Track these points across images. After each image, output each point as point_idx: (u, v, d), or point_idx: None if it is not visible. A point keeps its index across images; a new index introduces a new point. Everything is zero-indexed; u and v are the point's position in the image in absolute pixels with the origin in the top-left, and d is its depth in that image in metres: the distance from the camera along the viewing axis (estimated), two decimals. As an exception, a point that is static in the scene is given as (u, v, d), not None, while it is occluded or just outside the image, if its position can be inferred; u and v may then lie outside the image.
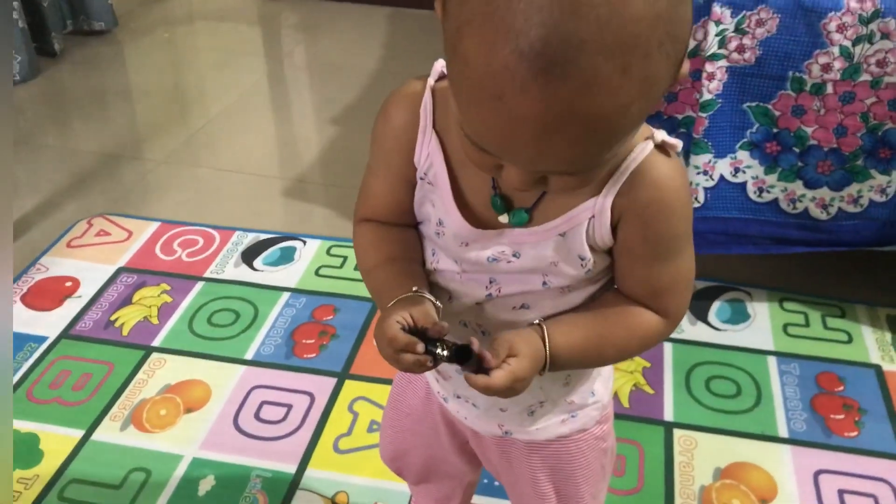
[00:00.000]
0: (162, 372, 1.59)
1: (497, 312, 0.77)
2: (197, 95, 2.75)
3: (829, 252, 1.68)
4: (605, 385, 0.90)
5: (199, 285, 1.80)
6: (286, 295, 1.78)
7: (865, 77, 1.43)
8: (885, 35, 1.39)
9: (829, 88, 1.45)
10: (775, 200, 1.58)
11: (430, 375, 0.92)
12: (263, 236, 1.95)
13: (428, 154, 0.74)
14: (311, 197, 2.16)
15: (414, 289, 0.73)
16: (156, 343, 1.65)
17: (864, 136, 1.48)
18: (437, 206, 0.76)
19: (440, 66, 0.74)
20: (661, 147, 0.70)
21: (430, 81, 0.74)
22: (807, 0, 1.41)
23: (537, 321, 0.73)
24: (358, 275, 1.80)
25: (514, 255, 0.74)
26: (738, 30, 1.44)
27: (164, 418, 1.49)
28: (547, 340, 0.72)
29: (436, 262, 0.78)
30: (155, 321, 1.70)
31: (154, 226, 1.99)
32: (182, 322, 1.70)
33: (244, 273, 1.84)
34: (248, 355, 1.62)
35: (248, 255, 1.89)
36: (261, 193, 2.16)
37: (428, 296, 0.73)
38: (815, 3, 1.40)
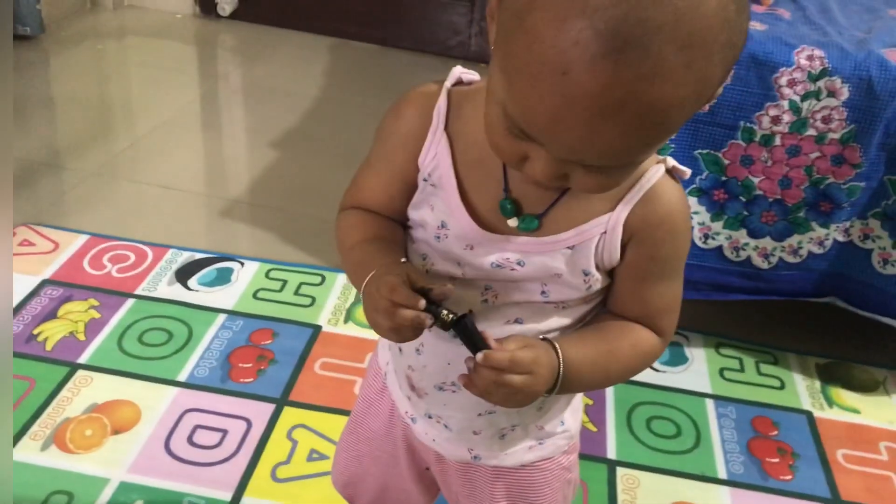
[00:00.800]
0: (88, 390, 1.50)
1: (489, 324, 0.75)
2: (129, 109, 2.66)
3: (764, 300, 1.73)
4: (574, 416, 0.90)
5: (130, 302, 1.72)
6: (222, 317, 1.71)
7: (811, 132, 1.49)
8: (832, 93, 1.46)
9: (778, 140, 1.51)
10: (720, 247, 1.62)
11: (399, 395, 0.89)
12: (199, 255, 1.89)
13: (435, 155, 0.73)
14: (246, 218, 2.11)
15: (403, 260, 0.71)
16: (82, 360, 1.56)
17: (806, 188, 1.54)
18: (437, 209, 0.74)
19: (458, 71, 0.74)
20: (670, 172, 0.71)
21: (447, 85, 0.74)
22: (760, 54, 1.46)
23: (542, 337, 0.72)
24: (298, 299, 1.78)
25: (519, 264, 0.72)
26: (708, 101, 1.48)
27: (90, 439, 1.40)
28: (560, 352, 0.70)
29: (429, 266, 0.76)
30: (82, 337, 1.61)
31: (82, 238, 1.90)
32: (111, 339, 1.62)
33: (178, 292, 1.77)
34: (182, 377, 1.55)
35: (183, 274, 1.82)
36: (195, 212, 2.10)
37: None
38: (768, 57, 1.46)
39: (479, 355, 0.66)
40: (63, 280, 1.76)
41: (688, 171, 0.73)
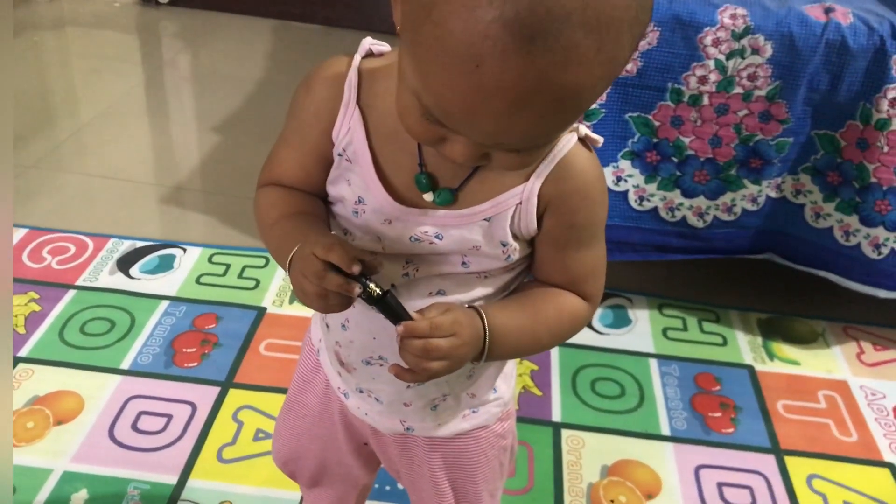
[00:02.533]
0: (29, 383, 1.49)
1: (411, 297, 0.75)
2: (67, 101, 2.62)
3: (705, 260, 1.75)
4: (507, 383, 0.90)
5: (71, 293, 1.70)
6: (165, 303, 1.70)
7: (738, 90, 1.51)
8: (755, 50, 1.48)
9: (706, 100, 1.52)
10: (655, 209, 1.64)
11: (331, 371, 0.90)
12: (140, 244, 1.87)
13: (349, 129, 0.72)
14: (190, 205, 2.09)
15: (333, 233, 0.71)
16: (22, 353, 1.55)
17: (736, 146, 1.56)
18: (354, 185, 0.74)
19: (368, 43, 0.74)
20: (583, 140, 0.72)
21: (357, 58, 0.73)
22: (684, 14, 1.47)
23: (468, 306, 0.72)
24: (241, 283, 1.77)
25: (437, 237, 0.73)
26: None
27: (32, 431, 1.40)
28: (485, 317, 0.71)
29: (350, 241, 0.76)
30: (22, 330, 1.60)
31: (21, 232, 1.87)
32: (52, 332, 1.60)
33: (120, 281, 1.75)
34: (125, 365, 1.54)
35: (124, 263, 1.81)
36: (137, 201, 2.08)
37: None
38: (692, 17, 1.47)
39: (400, 326, 0.66)
40: (2, 275, 1.74)
41: (600, 139, 0.73)
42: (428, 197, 0.71)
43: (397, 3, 0.62)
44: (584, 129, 0.72)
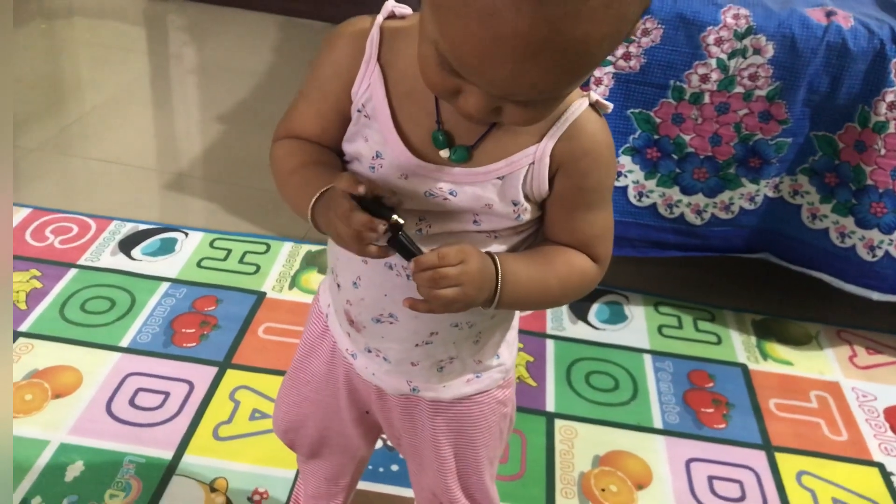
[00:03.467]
0: (29, 357, 1.50)
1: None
2: (74, 87, 2.64)
3: (701, 259, 1.77)
4: (510, 350, 0.92)
5: (73, 272, 1.72)
6: (165, 285, 1.72)
7: (739, 89, 1.53)
8: (757, 51, 1.50)
9: (707, 98, 1.54)
10: (654, 205, 1.66)
11: (339, 332, 0.91)
12: (143, 226, 1.89)
13: (368, 86, 0.75)
14: (192, 191, 2.11)
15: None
16: (22, 328, 1.56)
17: (736, 145, 1.58)
18: (372, 140, 0.76)
19: (391, 5, 0.76)
20: (594, 106, 0.75)
21: (380, 18, 0.76)
22: (688, 13, 1.49)
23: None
24: (242, 267, 1.78)
25: (451, 193, 0.75)
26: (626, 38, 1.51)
27: (30, 403, 1.41)
28: (497, 260, 0.73)
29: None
30: (23, 306, 1.61)
31: (25, 212, 1.89)
32: (53, 308, 1.61)
33: (121, 262, 1.77)
34: (124, 343, 1.55)
35: (126, 245, 1.82)
36: (140, 186, 2.09)
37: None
38: (696, 16, 1.50)
39: (411, 263, 0.69)
40: (4, 252, 1.75)
41: (609, 105, 0.76)
42: (444, 153, 0.73)
43: None
44: (595, 95, 0.75)
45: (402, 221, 0.68)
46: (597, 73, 1.54)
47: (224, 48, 2.94)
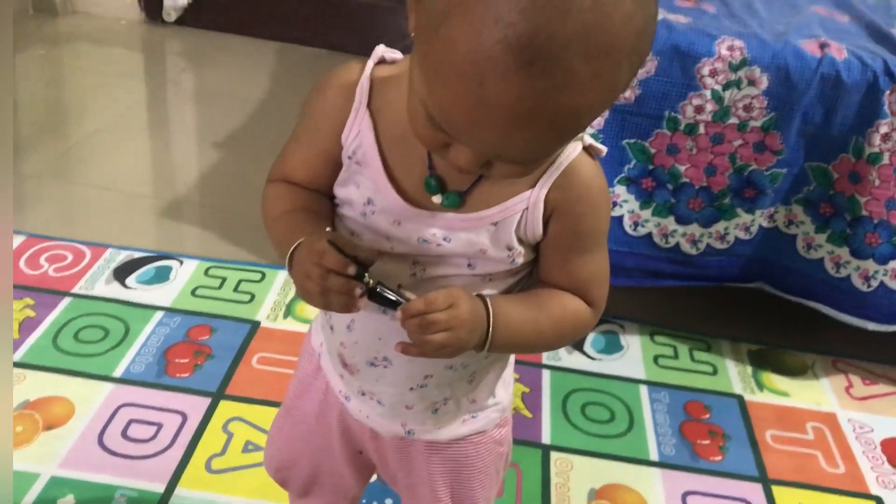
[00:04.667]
0: (21, 387, 1.49)
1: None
2: (71, 113, 2.64)
3: (696, 289, 1.77)
4: (506, 389, 0.92)
5: (67, 301, 1.71)
6: (159, 314, 1.71)
7: (733, 120, 1.53)
8: (752, 82, 1.50)
9: (701, 129, 1.55)
10: (649, 234, 1.65)
11: (333, 374, 0.90)
12: (138, 254, 1.88)
13: (358, 132, 0.74)
14: (188, 218, 2.10)
15: (328, 228, 0.73)
16: (15, 358, 1.55)
17: (731, 175, 1.58)
18: (363, 187, 0.75)
19: (381, 50, 0.76)
20: (587, 150, 0.75)
21: (370, 64, 0.75)
22: (683, 44, 1.50)
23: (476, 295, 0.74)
24: (237, 296, 1.78)
25: (445, 239, 0.74)
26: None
27: (20, 435, 1.39)
28: (489, 303, 0.72)
29: (357, 242, 0.77)
30: (15, 335, 1.60)
31: (19, 239, 1.88)
32: (46, 337, 1.61)
33: (115, 290, 1.76)
34: (117, 373, 1.55)
35: (121, 273, 1.81)
36: (135, 213, 2.09)
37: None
38: (691, 48, 1.50)
39: (398, 311, 0.69)
40: (-2, 280, 1.74)
41: (603, 149, 0.76)
42: (437, 199, 0.73)
43: (412, 12, 0.64)
44: (588, 139, 0.74)
45: (372, 283, 0.68)
46: (592, 103, 1.54)
47: (222, 74, 2.95)
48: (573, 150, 0.74)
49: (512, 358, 0.92)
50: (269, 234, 0.80)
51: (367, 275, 0.68)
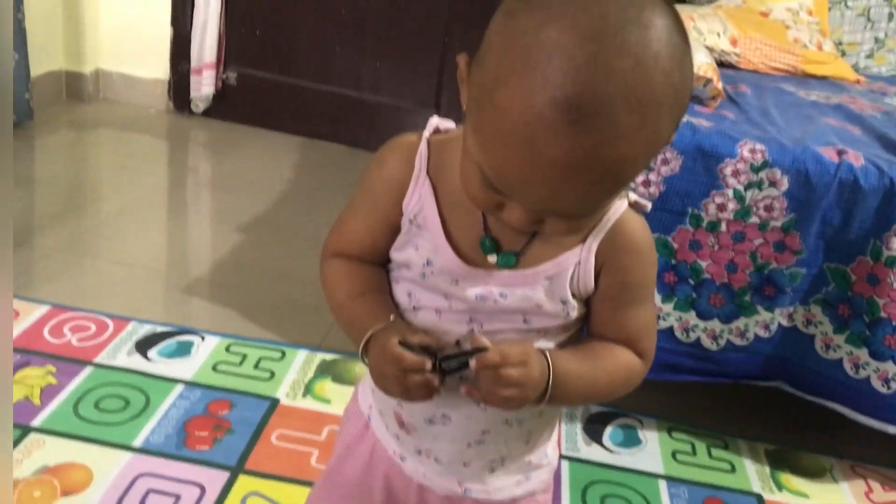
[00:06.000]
0: (40, 453, 1.48)
1: None
2: (96, 192, 2.71)
3: (715, 386, 1.78)
4: (555, 450, 0.94)
5: (88, 370, 1.72)
6: (180, 387, 1.71)
7: (755, 219, 1.58)
8: (773, 183, 1.56)
9: (723, 227, 1.59)
10: (671, 328, 1.68)
11: (386, 435, 0.91)
12: (160, 328, 1.90)
13: (419, 198, 0.79)
14: (210, 296, 2.13)
15: (392, 316, 0.77)
16: (35, 423, 1.55)
17: (751, 273, 1.62)
18: (422, 248, 0.79)
19: (435, 121, 0.81)
20: (633, 206, 0.79)
21: (426, 133, 0.81)
22: (707, 145, 1.57)
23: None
24: (257, 373, 1.79)
25: (501, 296, 0.78)
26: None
27: (38, 501, 1.38)
28: (549, 357, 0.75)
29: (414, 302, 0.81)
30: (37, 401, 1.60)
31: (44, 308, 1.90)
32: (67, 404, 1.61)
33: (137, 362, 1.77)
34: (137, 443, 1.54)
35: (143, 346, 1.83)
36: (159, 289, 2.12)
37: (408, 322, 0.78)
38: (714, 149, 1.57)
39: (472, 361, 0.72)
40: (21, 347, 1.75)
41: (648, 205, 0.80)
42: (492, 258, 0.77)
43: (464, 89, 0.70)
44: (633, 196, 0.79)
45: (445, 366, 0.73)
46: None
47: (245, 164, 3.03)
48: (620, 206, 0.78)
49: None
50: (336, 318, 0.84)
51: (438, 360, 0.72)
